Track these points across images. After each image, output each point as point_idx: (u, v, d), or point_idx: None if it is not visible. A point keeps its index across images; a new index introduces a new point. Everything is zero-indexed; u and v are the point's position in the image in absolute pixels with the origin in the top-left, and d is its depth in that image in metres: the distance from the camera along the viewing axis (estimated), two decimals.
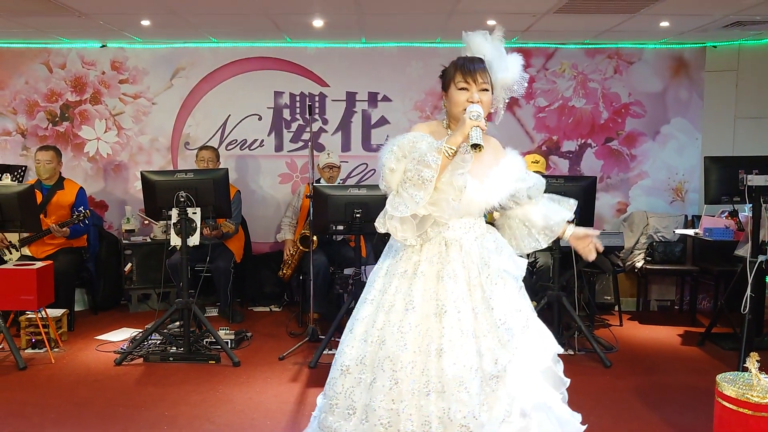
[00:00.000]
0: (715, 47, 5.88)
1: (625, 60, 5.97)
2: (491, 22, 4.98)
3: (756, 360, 2.74)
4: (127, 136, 6.07)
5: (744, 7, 4.56)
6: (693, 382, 4.06)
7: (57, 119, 6.04)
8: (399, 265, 2.33)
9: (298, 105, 6.06)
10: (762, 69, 5.84)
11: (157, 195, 4.46)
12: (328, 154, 5.53)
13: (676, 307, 5.99)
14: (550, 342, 2.38)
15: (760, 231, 4.19)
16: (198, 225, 4.43)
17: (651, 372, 4.27)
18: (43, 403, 3.68)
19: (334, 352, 4.40)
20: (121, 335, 4.96)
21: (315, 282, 4.86)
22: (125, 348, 4.56)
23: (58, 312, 4.79)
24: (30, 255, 5.06)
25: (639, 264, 5.69)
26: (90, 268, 5.50)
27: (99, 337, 4.92)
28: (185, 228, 4.38)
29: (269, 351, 4.62)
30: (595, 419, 3.28)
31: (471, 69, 2.29)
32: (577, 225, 4.73)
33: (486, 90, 2.31)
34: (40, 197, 5.05)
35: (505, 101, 2.43)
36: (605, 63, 5.98)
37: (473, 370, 2.17)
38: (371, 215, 2.30)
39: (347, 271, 5.03)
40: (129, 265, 5.68)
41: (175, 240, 4.43)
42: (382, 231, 2.28)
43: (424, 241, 2.32)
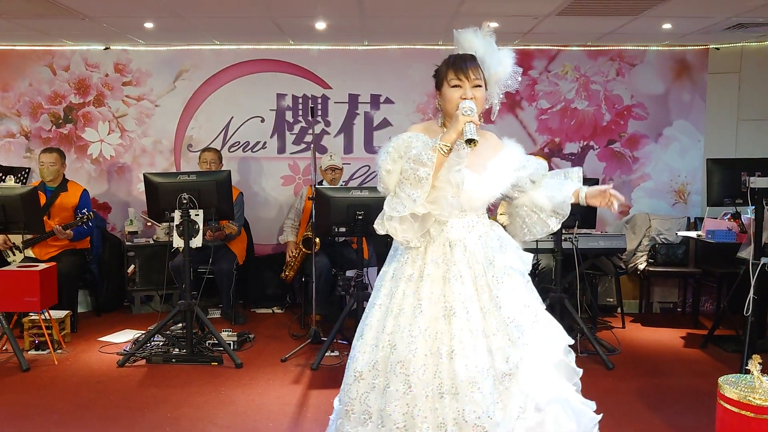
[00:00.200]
0: (718, 49, 5.88)
1: (628, 62, 5.97)
2: (494, 24, 4.93)
3: (758, 362, 2.73)
4: (131, 138, 6.08)
5: (746, 9, 4.56)
6: (695, 384, 4.05)
7: (60, 121, 6.06)
8: (405, 269, 2.33)
9: (300, 107, 6.07)
10: (765, 71, 5.83)
11: (160, 197, 4.47)
12: (330, 156, 5.54)
13: (678, 310, 5.98)
14: (560, 334, 2.39)
15: (762, 233, 4.18)
16: (200, 227, 4.44)
17: (653, 374, 4.26)
18: (46, 405, 3.68)
19: (336, 353, 4.48)
20: (124, 337, 4.97)
21: (317, 284, 4.87)
22: (128, 350, 4.56)
23: (61, 313, 4.80)
24: (33, 257, 5.07)
25: (641, 266, 5.69)
26: (93, 269, 5.52)
27: (102, 339, 4.93)
28: (188, 230, 4.39)
29: (271, 353, 4.63)
30: None
31: (463, 66, 2.30)
32: (580, 227, 4.79)
33: (479, 86, 2.31)
34: (43, 199, 5.07)
35: (500, 96, 2.43)
36: (607, 65, 5.98)
37: (485, 369, 2.17)
38: (373, 217, 2.30)
39: (349, 273, 5.04)
40: (132, 267, 5.69)
41: (178, 242, 4.44)
42: (381, 233, 2.27)
43: (427, 243, 2.32)
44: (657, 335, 5.22)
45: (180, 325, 4.74)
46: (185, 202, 4.37)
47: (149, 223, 5.83)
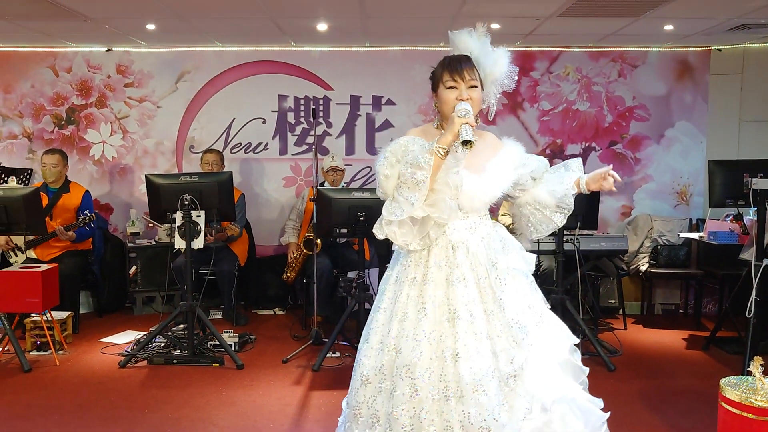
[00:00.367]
0: (720, 50, 5.87)
1: (630, 63, 5.96)
2: (495, 25, 4.99)
3: (760, 364, 2.72)
4: (132, 139, 6.09)
5: (748, 10, 4.55)
6: (697, 386, 4.05)
7: (63, 123, 6.07)
8: (408, 272, 2.33)
9: (302, 108, 6.08)
10: (767, 72, 5.82)
11: (162, 198, 4.48)
12: (332, 157, 5.54)
13: (680, 311, 5.97)
14: (565, 334, 2.38)
15: (765, 234, 4.18)
16: (202, 228, 4.44)
17: (655, 376, 4.26)
18: (48, 405, 3.69)
19: (337, 355, 4.48)
20: (126, 338, 4.97)
21: (319, 285, 4.87)
22: (129, 350, 4.57)
23: (63, 314, 4.81)
24: (35, 257, 5.08)
25: (643, 267, 5.68)
26: (95, 270, 5.53)
27: (103, 340, 4.94)
28: (189, 231, 4.40)
29: (273, 354, 4.63)
30: None
31: (458, 67, 2.30)
32: (582, 228, 4.78)
33: (475, 87, 2.31)
34: (45, 200, 5.08)
35: (497, 96, 2.43)
36: (609, 66, 5.97)
37: (490, 372, 2.18)
38: (375, 218, 2.30)
39: (351, 274, 5.04)
40: (134, 268, 5.70)
41: (180, 243, 4.44)
42: (380, 237, 2.28)
43: (430, 246, 2.32)
44: (659, 337, 5.21)
45: (181, 326, 4.74)
46: (187, 203, 4.37)
47: (151, 224, 5.83)
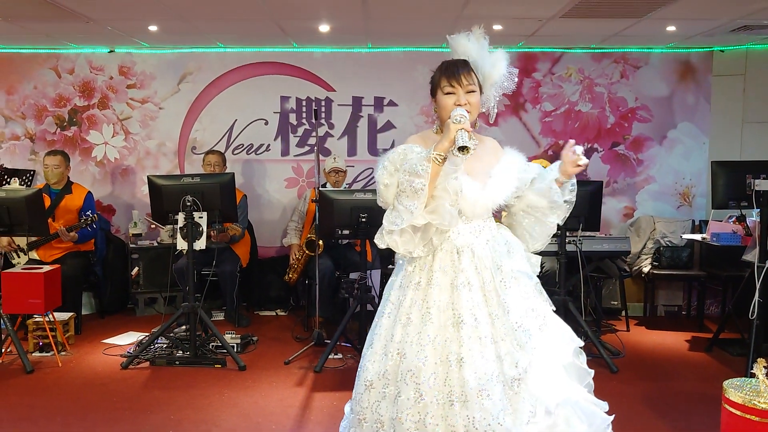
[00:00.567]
0: (723, 51, 5.86)
1: (632, 64, 5.95)
2: (497, 27, 4.98)
3: (763, 366, 2.71)
4: (135, 140, 6.10)
5: (751, 12, 4.54)
6: (700, 388, 4.04)
7: (65, 124, 6.08)
8: (412, 277, 2.33)
9: (304, 109, 6.08)
10: None
11: (164, 199, 4.48)
12: (334, 158, 5.54)
13: (683, 313, 5.96)
14: (569, 336, 2.38)
15: None
16: (204, 229, 4.45)
17: (658, 378, 4.25)
18: (50, 407, 3.69)
19: (339, 356, 4.48)
20: (128, 339, 4.97)
21: (321, 286, 4.87)
22: (132, 352, 4.56)
23: (65, 315, 4.81)
24: (38, 259, 5.09)
25: (646, 269, 5.67)
26: (97, 271, 5.53)
27: (106, 341, 4.94)
28: (191, 232, 4.40)
29: (275, 355, 4.63)
30: None
31: (455, 72, 2.30)
32: (584, 229, 4.77)
33: (473, 91, 2.31)
34: (48, 201, 5.08)
35: (497, 98, 2.42)
36: (611, 67, 5.96)
37: (494, 376, 2.17)
38: (377, 220, 2.30)
39: (353, 276, 5.04)
40: (136, 269, 5.70)
41: (182, 244, 4.45)
42: (381, 247, 2.28)
43: (435, 251, 2.31)
44: (661, 338, 5.20)
45: (183, 328, 4.75)
46: (189, 204, 4.37)
47: (153, 226, 5.84)
